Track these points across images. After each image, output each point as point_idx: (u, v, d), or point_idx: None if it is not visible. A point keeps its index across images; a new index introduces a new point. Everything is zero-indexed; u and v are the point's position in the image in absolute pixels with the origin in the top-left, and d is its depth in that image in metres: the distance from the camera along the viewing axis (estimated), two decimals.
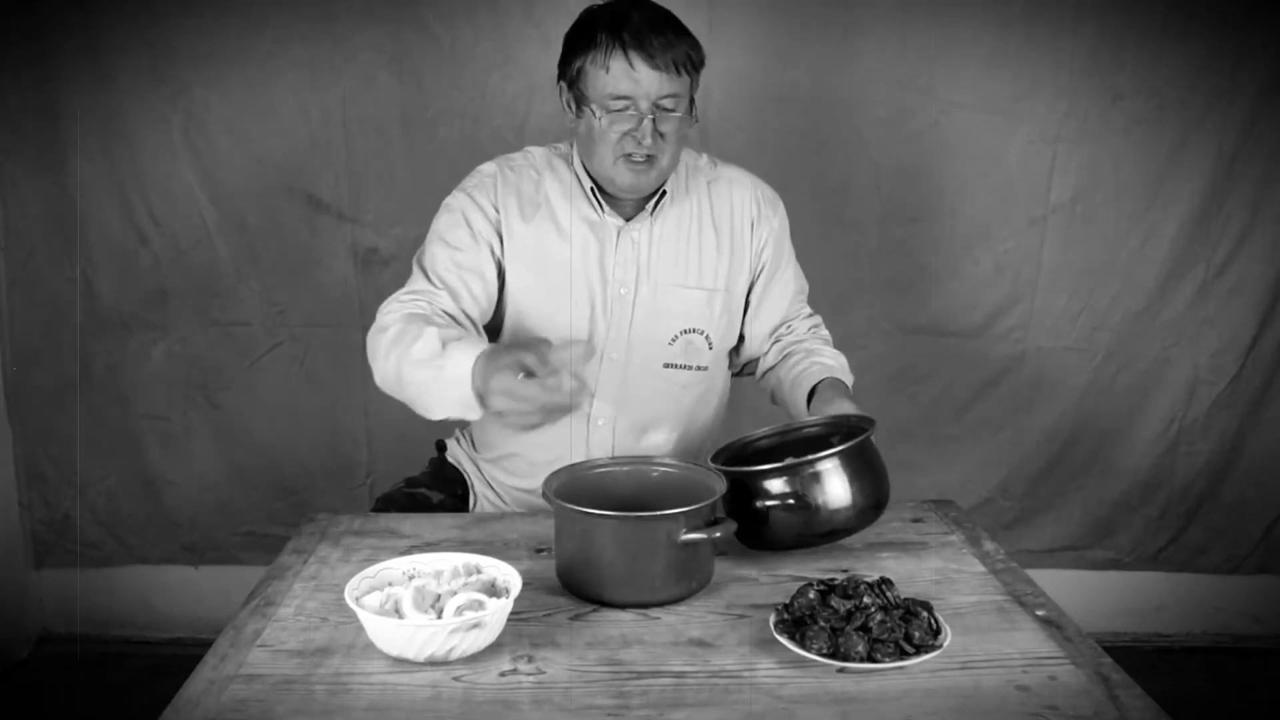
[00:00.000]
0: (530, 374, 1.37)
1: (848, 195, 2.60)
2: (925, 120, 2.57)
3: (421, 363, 1.49)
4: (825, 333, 1.89)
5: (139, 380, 2.67)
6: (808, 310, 1.89)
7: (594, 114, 1.62)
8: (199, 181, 2.57)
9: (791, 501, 1.38)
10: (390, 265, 2.57)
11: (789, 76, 2.55)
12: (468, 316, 1.66)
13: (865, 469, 1.42)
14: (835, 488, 1.38)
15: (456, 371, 1.44)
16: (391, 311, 1.61)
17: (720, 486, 1.35)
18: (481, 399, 1.42)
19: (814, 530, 1.40)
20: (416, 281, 1.68)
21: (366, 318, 1.76)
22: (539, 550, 1.48)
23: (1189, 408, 2.68)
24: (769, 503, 1.38)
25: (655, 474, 1.47)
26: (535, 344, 1.46)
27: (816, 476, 1.38)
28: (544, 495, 1.35)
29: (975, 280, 2.65)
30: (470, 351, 1.45)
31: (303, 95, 2.53)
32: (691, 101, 1.67)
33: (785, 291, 1.85)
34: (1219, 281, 2.62)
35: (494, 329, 1.76)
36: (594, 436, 1.74)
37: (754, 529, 1.40)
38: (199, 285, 2.62)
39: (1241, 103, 2.52)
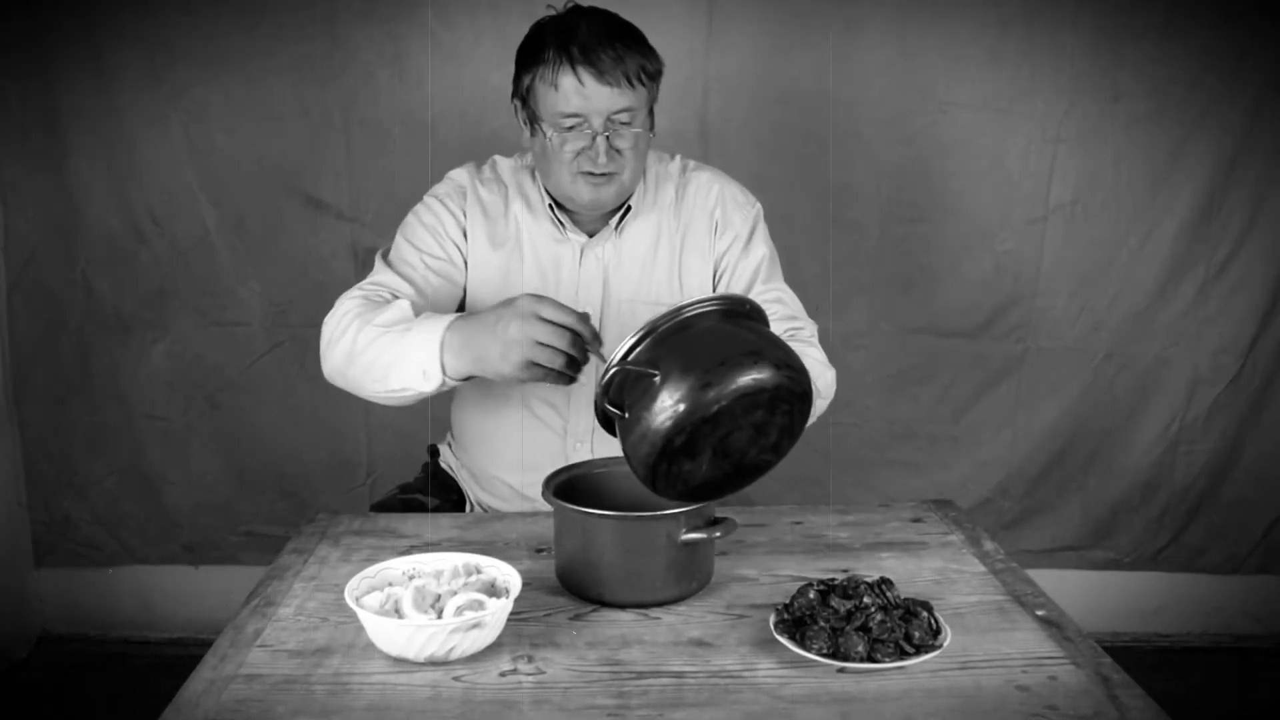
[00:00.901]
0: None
1: (848, 195, 2.60)
2: (925, 120, 2.57)
3: (386, 327, 1.46)
4: (808, 340, 1.68)
5: (139, 380, 2.67)
6: (784, 313, 1.70)
7: (545, 133, 1.58)
8: (199, 181, 2.57)
9: (653, 372, 1.17)
10: None
11: (789, 76, 2.54)
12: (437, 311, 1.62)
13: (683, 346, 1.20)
14: (688, 350, 1.19)
15: (424, 335, 1.41)
16: (352, 297, 1.57)
17: None
18: (467, 354, 1.37)
19: (682, 400, 1.16)
20: (380, 274, 1.63)
21: None
22: (539, 550, 1.48)
23: (1189, 408, 2.68)
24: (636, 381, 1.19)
25: None
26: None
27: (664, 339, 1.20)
28: (544, 496, 1.35)
29: (975, 280, 2.64)
30: (444, 317, 1.42)
31: (303, 95, 2.54)
32: (650, 112, 1.62)
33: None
34: (1219, 281, 2.62)
35: None
36: (574, 459, 1.70)
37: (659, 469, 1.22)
38: (199, 285, 2.62)
39: (1242, 102, 2.52)
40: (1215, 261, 2.61)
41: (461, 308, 1.71)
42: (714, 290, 1.74)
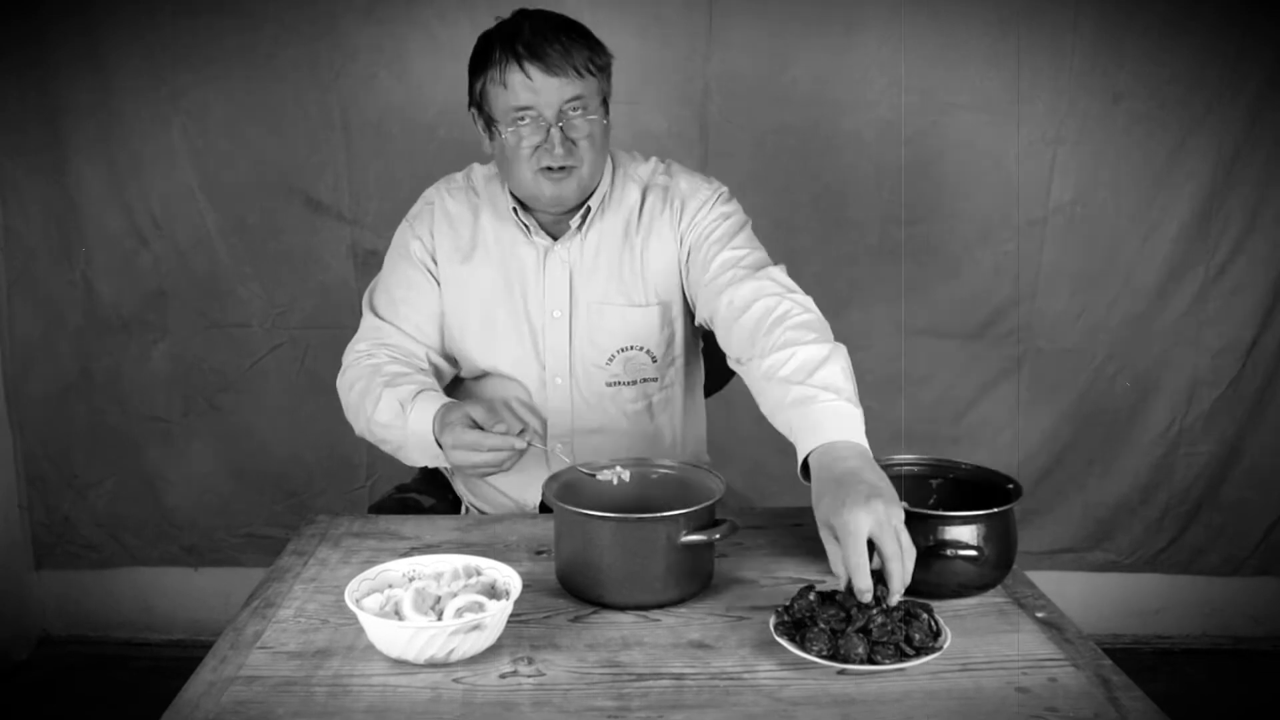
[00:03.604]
0: (479, 426, 1.47)
1: (848, 195, 2.60)
2: (925, 121, 2.57)
3: (388, 425, 1.59)
4: (800, 316, 1.55)
5: (139, 382, 2.67)
6: (743, 272, 1.60)
7: (502, 134, 1.60)
8: (199, 182, 2.57)
9: (973, 551, 1.30)
10: None
11: (789, 76, 2.55)
12: (423, 345, 1.72)
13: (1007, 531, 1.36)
14: (1005, 539, 1.33)
15: (418, 431, 1.55)
16: (353, 364, 1.69)
17: (719, 487, 1.35)
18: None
19: (973, 582, 1.32)
20: (367, 322, 1.74)
21: None
22: (539, 552, 1.48)
23: (1189, 409, 2.68)
24: (952, 551, 1.30)
25: (655, 475, 1.46)
26: (487, 402, 1.57)
27: (998, 524, 1.32)
28: (544, 497, 1.35)
29: (975, 281, 2.64)
30: (427, 409, 1.55)
31: (303, 96, 2.54)
32: (604, 103, 1.63)
33: (719, 267, 1.63)
34: (1219, 282, 2.62)
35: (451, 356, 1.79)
36: (555, 462, 1.67)
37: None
38: (199, 286, 2.63)
39: (1241, 102, 2.52)
40: (1215, 262, 2.61)
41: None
42: (681, 269, 1.72)
